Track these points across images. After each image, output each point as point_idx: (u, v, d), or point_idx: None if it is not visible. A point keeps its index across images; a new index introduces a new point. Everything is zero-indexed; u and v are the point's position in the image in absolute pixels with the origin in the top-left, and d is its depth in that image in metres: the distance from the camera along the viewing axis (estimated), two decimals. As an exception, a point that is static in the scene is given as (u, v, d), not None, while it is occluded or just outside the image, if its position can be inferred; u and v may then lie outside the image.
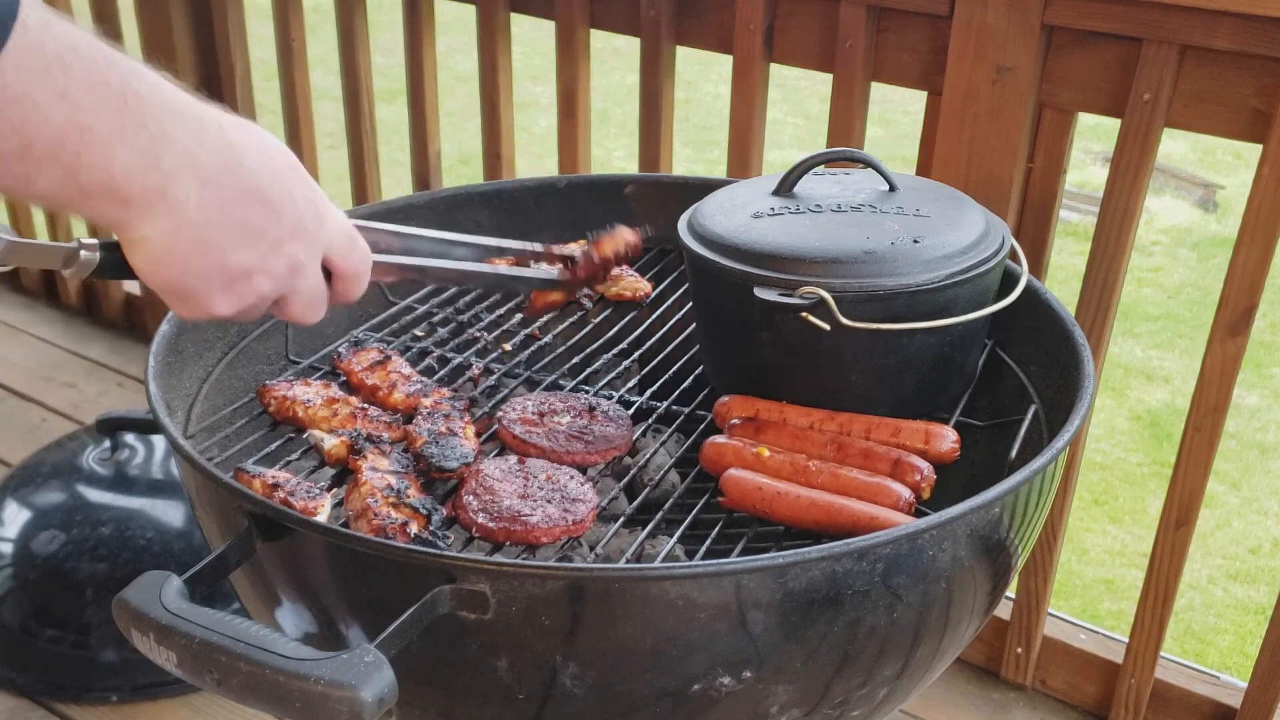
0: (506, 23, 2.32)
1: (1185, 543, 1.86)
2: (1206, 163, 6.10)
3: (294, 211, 0.93)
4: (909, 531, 1.03)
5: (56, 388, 3.08)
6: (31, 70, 0.74)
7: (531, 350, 1.55)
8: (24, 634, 2.15)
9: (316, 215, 0.95)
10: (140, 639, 0.94)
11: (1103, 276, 1.80)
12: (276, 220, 0.91)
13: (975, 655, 2.19)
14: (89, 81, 0.78)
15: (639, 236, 1.42)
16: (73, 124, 0.77)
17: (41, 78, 0.75)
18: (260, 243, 0.91)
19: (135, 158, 0.81)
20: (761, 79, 2.00)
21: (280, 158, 0.93)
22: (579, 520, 1.19)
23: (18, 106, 0.74)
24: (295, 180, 0.94)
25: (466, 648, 1.03)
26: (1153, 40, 1.61)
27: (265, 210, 0.90)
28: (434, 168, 2.56)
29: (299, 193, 0.93)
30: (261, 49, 2.92)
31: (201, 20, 2.80)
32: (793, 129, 6.59)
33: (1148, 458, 3.84)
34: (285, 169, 0.93)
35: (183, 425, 1.37)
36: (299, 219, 0.93)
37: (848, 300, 1.24)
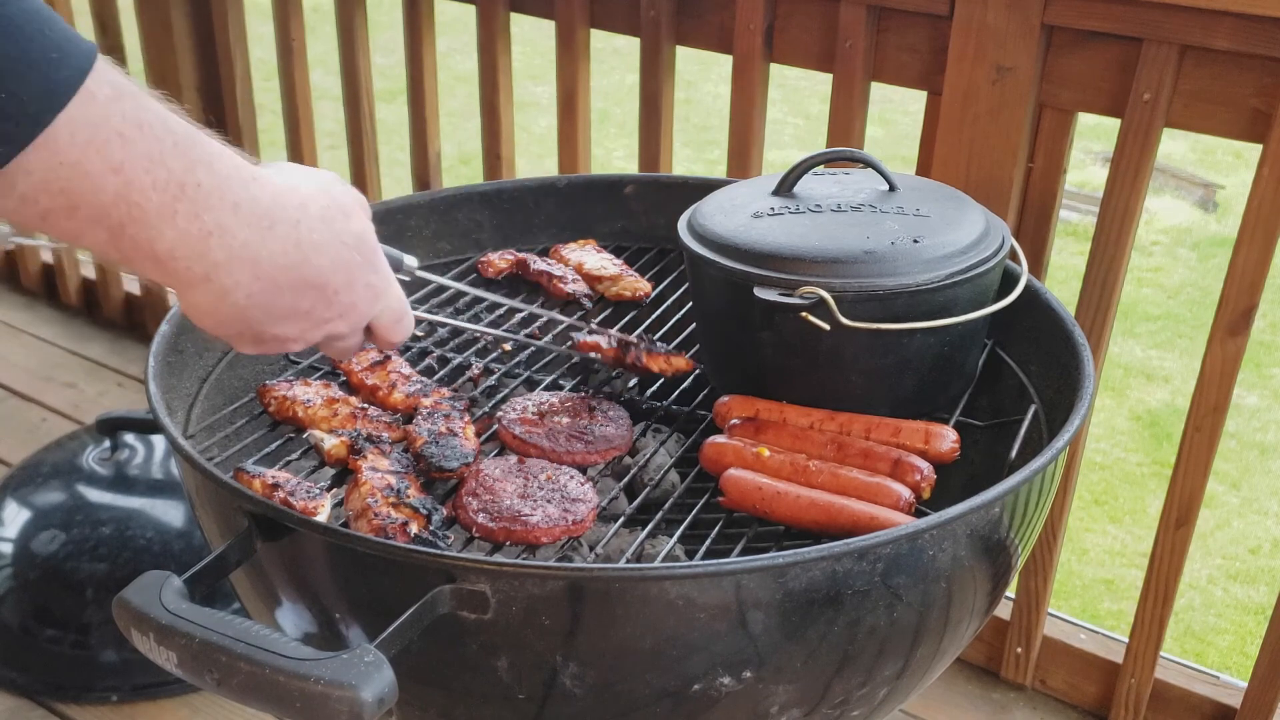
0: (506, 23, 2.32)
1: (1185, 543, 1.86)
2: (1206, 163, 6.10)
3: (349, 298, 0.95)
4: (909, 531, 1.03)
5: (56, 388, 3.08)
6: (88, 140, 0.75)
7: (531, 350, 1.55)
8: (24, 634, 2.15)
9: (372, 299, 0.98)
10: (140, 639, 0.94)
11: (1103, 276, 1.80)
12: (327, 306, 0.94)
13: (975, 655, 2.19)
14: (147, 162, 0.78)
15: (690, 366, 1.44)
16: (123, 198, 0.78)
17: (98, 149, 0.75)
18: (304, 321, 0.93)
19: (183, 243, 0.82)
20: (761, 79, 2.00)
21: (354, 249, 0.94)
22: (579, 520, 1.19)
23: (67, 171, 0.75)
24: (360, 268, 0.95)
25: (466, 648, 1.03)
26: (1153, 40, 1.61)
27: (318, 297, 0.92)
28: (434, 168, 2.56)
29: (360, 279, 0.96)
30: (261, 49, 2.92)
31: (201, 20, 2.80)
32: (793, 129, 6.59)
33: (1148, 458, 3.84)
34: (355, 261, 0.95)
35: (183, 425, 1.37)
36: (352, 305, 0.96)
37: (848, 300, 1.24)
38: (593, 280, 1.66)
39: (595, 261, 1.69)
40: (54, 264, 3.45)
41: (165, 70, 2.87)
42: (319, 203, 0.91)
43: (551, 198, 1.80)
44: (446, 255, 1.75)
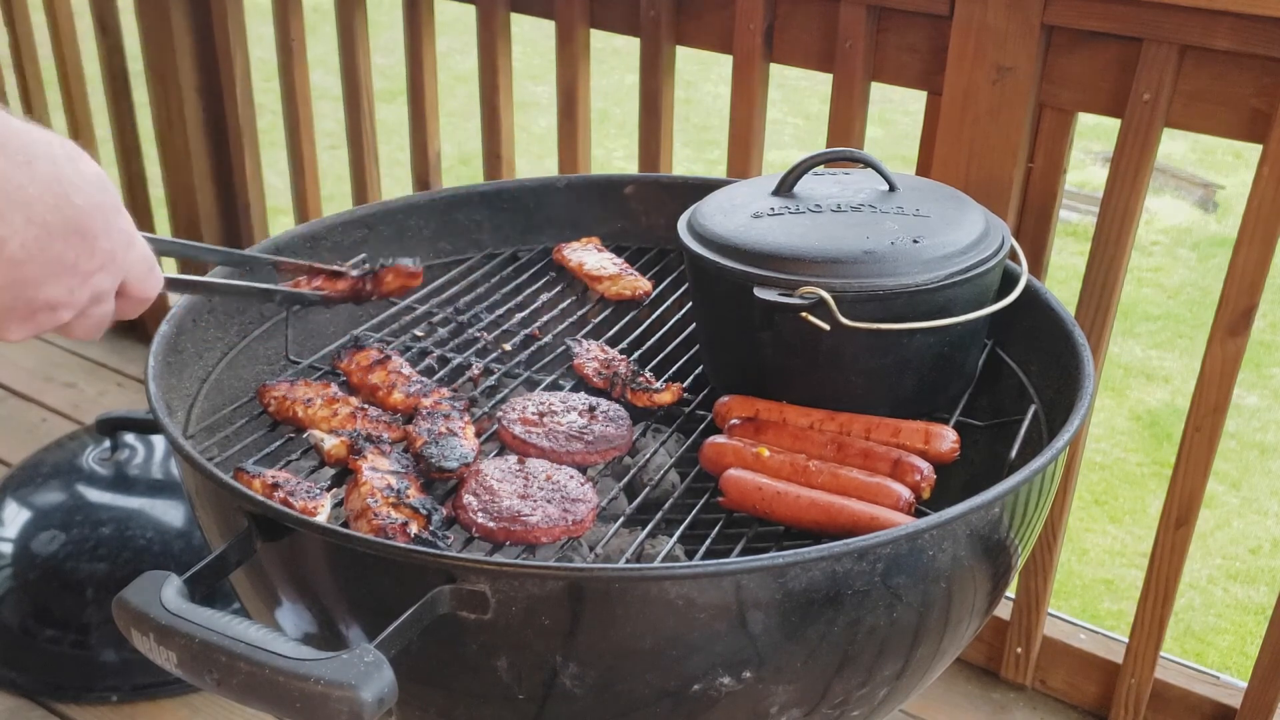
0: (506, 23, 2.32)
1: (1185, 543, 1.86)
2: (1206, 163, 6.10)
3: (108, 244, 0.91)
4: (909, 531, 1.03)
5: (56, 388, 3.08)
6: None
7: (531, 350, 1.55)
8: (24, 634, 2.15)
9: (127, 243, 0.94)
10: (140, 639, 0.94)
11: (1103, 276, 1.80)
12: (90, 254, 0.90)
13: (975, 655, 2.19)
14: None
15: (676, 398, 1.43)
16: None
17: None
18: (72, 276, 0.89)
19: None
20: (761, 79, 2.00)
21: (101, 191, 0.91)
22: (579, 520, 1.19)
23: None
24: (112, 211, 0.92)
25: (466, 648, 1.03)
26: (1152, 40, 1.61)
27: (82, 244, 0.89)
28: (434, 168, 2.56)
29: (115, 224, 0.92)
30: (261, 49, 2.92)
31: (201, 20, 2.80)
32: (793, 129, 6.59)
33: (1148, 458, 3.84)
34: (106, 202, 0.91)
35: (183, 425, 1.37)
36: (111, 251, 0.92)
37: (848, 300, 1.24)
38: (593, 280, 1.66)
39: (595, 261, 1.69)
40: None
41: (165, 70, 2.87)
42: (58, 141, 0.87)
43: (551, 198, 1.80)
44: (447, 255, 1.75)
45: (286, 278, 1.45)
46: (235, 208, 3.01)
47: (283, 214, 4.29)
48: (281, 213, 4.40)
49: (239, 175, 2.94)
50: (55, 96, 3.38)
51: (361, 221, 1.68)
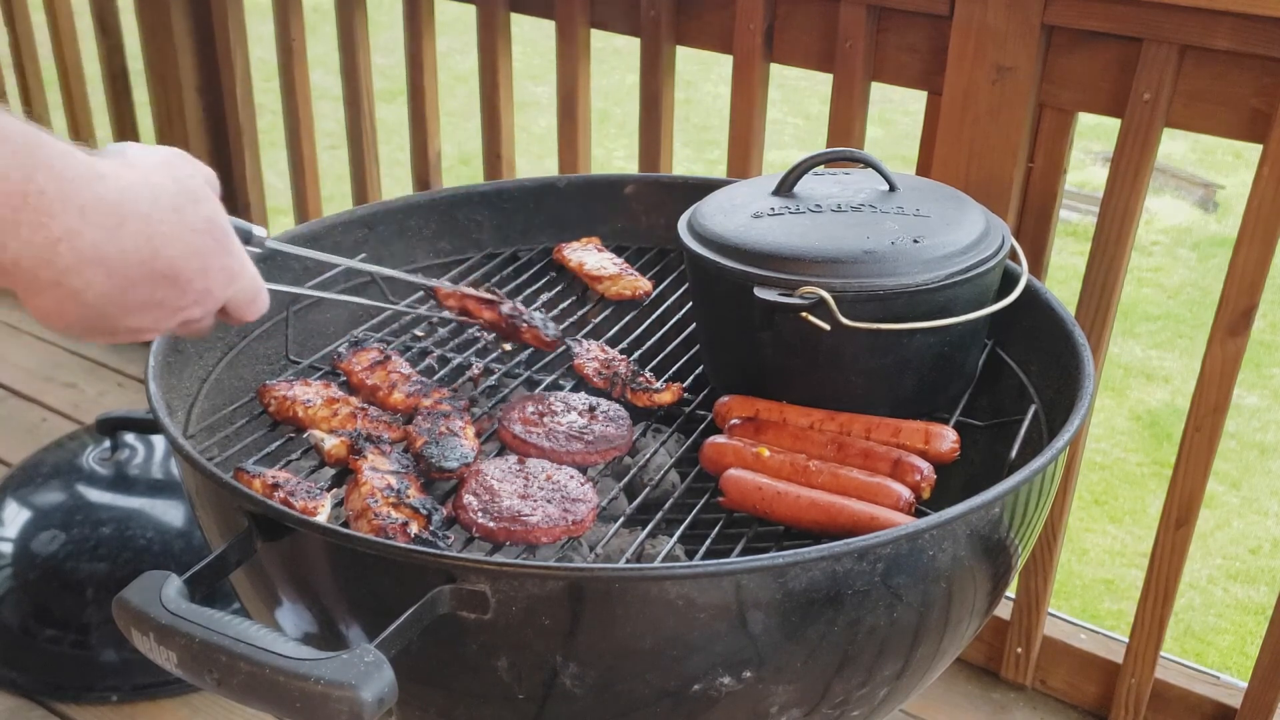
0: (506, 23, 2.32)
1: (1185, 543, 1.86)
2: (1206, 163, 6.10)
3: (203, 284, 0.94)
4: (909, 531, 1.03)
5: (56, 388, 3.08)
6: None
7: (531, 350, 1.55)
8: (24, 634, 2.15)
9: (227, 281, 0.97)
10: (140, 639, 0.94)
11: (1103, 276, 1.80)
12: (181, 294, 0.92)
13: (975, 655, 2.19)
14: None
15: (675, 398, 1.43)
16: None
17: None
18: (158, 310, 0.92)
19: (28, 253, 0.79)
20: (761, 79, 2.00)
21: (206, 234, 0.93)
22: (579, 520, 1.19)
23: None
24: (215, 253, 0.94)
25: (466, 648, 1.03)
26: (1153, 40, 1.61)
27: (173, 288, 0.91)
28: (434, 168, 2.56)
29: (214, 264, 0.94)
30: (261, 49, 2.92)
31: (201, 20, 2.80)
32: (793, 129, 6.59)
33: (1148, 458, 3.84)
34: (209, 247, 0.93)
35: (183, 425, 1.37)
36: (206, 290, 0.95)
37: (848, 300, 1.24)
38: (593, 280, 1.66)
39: (595, 261, 1.69)
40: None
41: (165, 70, 2.87)
42: (169, 191, 0.90)
43: (551, 198, 1.80)
44: (447, 255, 1.75)
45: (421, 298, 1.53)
46: (235, 207, 3.01)
47: (283, 214, 4.29)
48: (281, 213, 4.40)
49: (239, 175, 2.94)
50: (55, 96, 3.38)
51: (361, 221, 1.68)
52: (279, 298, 1.57)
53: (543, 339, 1.47)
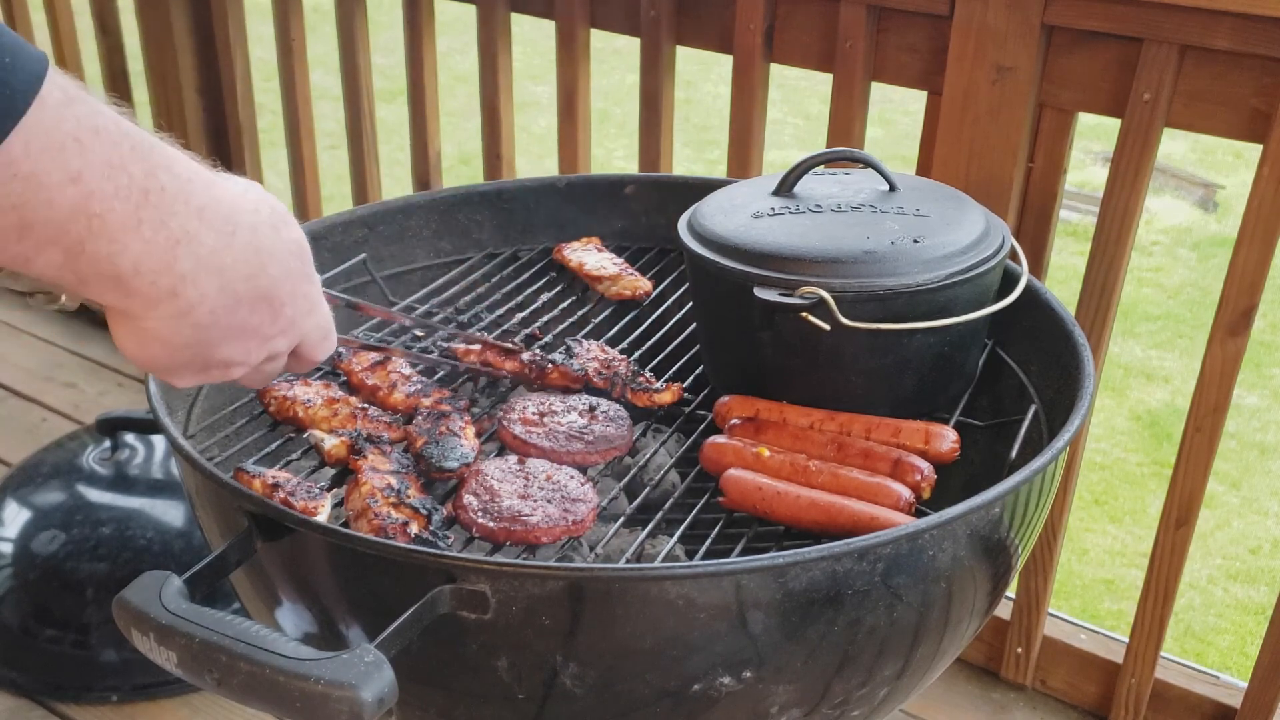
0: (506, 23, 2.32)
1: (1185, 543, 1.86)
2: (1206, 163, 6.10)
3: (292, 311, 0.91)
4: (909, 531, 1.03)
5: (56, 388, 3.08)
6: (42, 148, 0.68)
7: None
8: (24, 634, 2.15)
9: (308, 311, 0.94)
10: (140, 639, 0.94)
11: (1103, 276, 1.80)
12: (273, 321, 0.89)
13: (975, 655, 2.19)
14: (107, 168, 0.72)
15: (676, 398, 1.43)
16: (82, 210, 0.71)
17: (53, 157, 0.69)
18: (253, 339, 0.89)
19: (149, 255, 0.76)
20: (761, 79, 2.00)
21: (297, 257, 0.90)
22: (579, 520, 1.19)
23: (20, 184, 0.68)
24: (302, 278, 0.91)
25: (466, 648, 1.03)
26: (1153, 40, 1.61)
27: (268, 311, 0.88)
28: (434, 168, 2.56)
29: (301, 290, 0.92)
30: (261, 49, 2.92)
31: (201, 20, 2.80)
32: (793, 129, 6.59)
33: (1148, 458, 3.84)
34: (298, 269, 0.90)
35: (183, 425, 1.37)
36: (293, 320, 0.92)
37: (848, 300, 1.24)
38: (593, 280, 1.66)
39: (595, 261, 1.69)
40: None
41: (165, 70, 2.87)
42: (267, 208, 0.87)
43: (551, 198, 1.80)
44: (447, 255, 1.75)
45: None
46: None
47: (283, 214, 4.28)
48: (281, 213, 4.39)
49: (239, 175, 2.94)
50: (55, 96, 3.37)
51: (361, 221, 1.68)
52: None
53: (571, 375, 1.44)
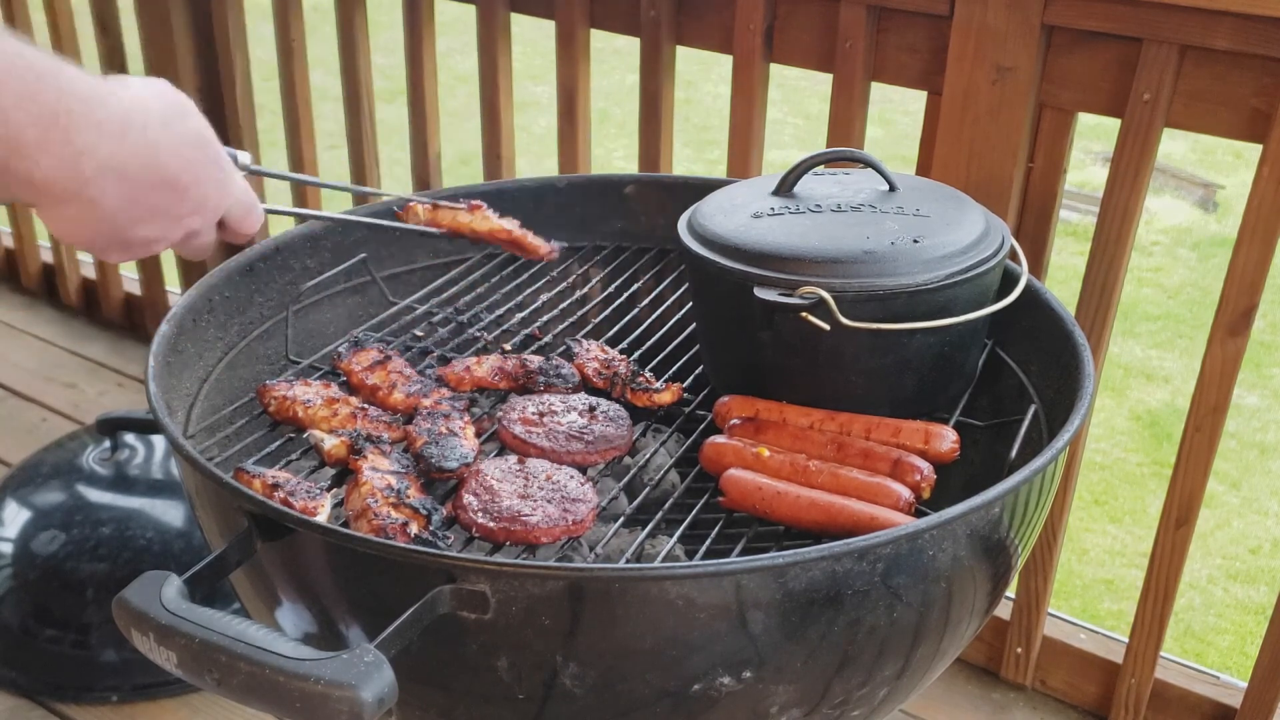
0: (506, 23, 2.32)
1: (1185, 543, 1.86)
2: (1206, 163, 6.10)
3: (199, 193, 1.04)
4: (909, 531, 1.03)
5: (56, 388, 3.08)
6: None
7: (531, 350, 1.55)
8: (24, 634, 2.15)
9: (220, 192, 1.07)
10: (140, 639, 0.94)
11: (1103, 276, 1.80)
12: (180, 201, 1.02)
13: (975, 655, 2.19)
14: (21, 100, 0.85)
15: (676, 398, 1.44)
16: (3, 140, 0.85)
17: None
18: (163, 219, 1.02)
19: (58, 167, 0.90)
20: (761, 79, 2.00)
21: (196, 147, 1.03)
22: (579, 520, 1.19)
23: None
24: (206, 163, 1.04)
25: (466, 648, 1.03)
26: (1153, 40, 1.61)
27: (173, 194, 1.01)
28: (434, 168, 2.56)
29: (206, 175, 1.04)
30: (261, 49, 2.91)
31: (201, 20, 2.80)
32: (793, 129, 6.59)
33: (1148, 458, 3.84)
34: (200, 157, 1.03)
35: (183, 425, 1.37)
36: (202, 198, 1.04)
37: (848, 300, 1.24)
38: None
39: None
40: (54, 264, 3.45)
41: (165, 70, 2.87)
42: (159, 105, 1.00)
43: (551, 198, 1.80)
44: (447, 255, 1.75)
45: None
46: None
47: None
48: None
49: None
50: (55, 96, 3.37)
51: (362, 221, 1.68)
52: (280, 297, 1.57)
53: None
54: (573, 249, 1.80)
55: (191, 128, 1.03)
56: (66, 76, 0.89)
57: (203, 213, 1.05)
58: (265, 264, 1.57)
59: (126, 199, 0.97)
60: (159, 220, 1.01)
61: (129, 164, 0.96)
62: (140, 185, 0.97)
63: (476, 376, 1.43)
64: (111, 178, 0.94)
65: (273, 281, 1.57)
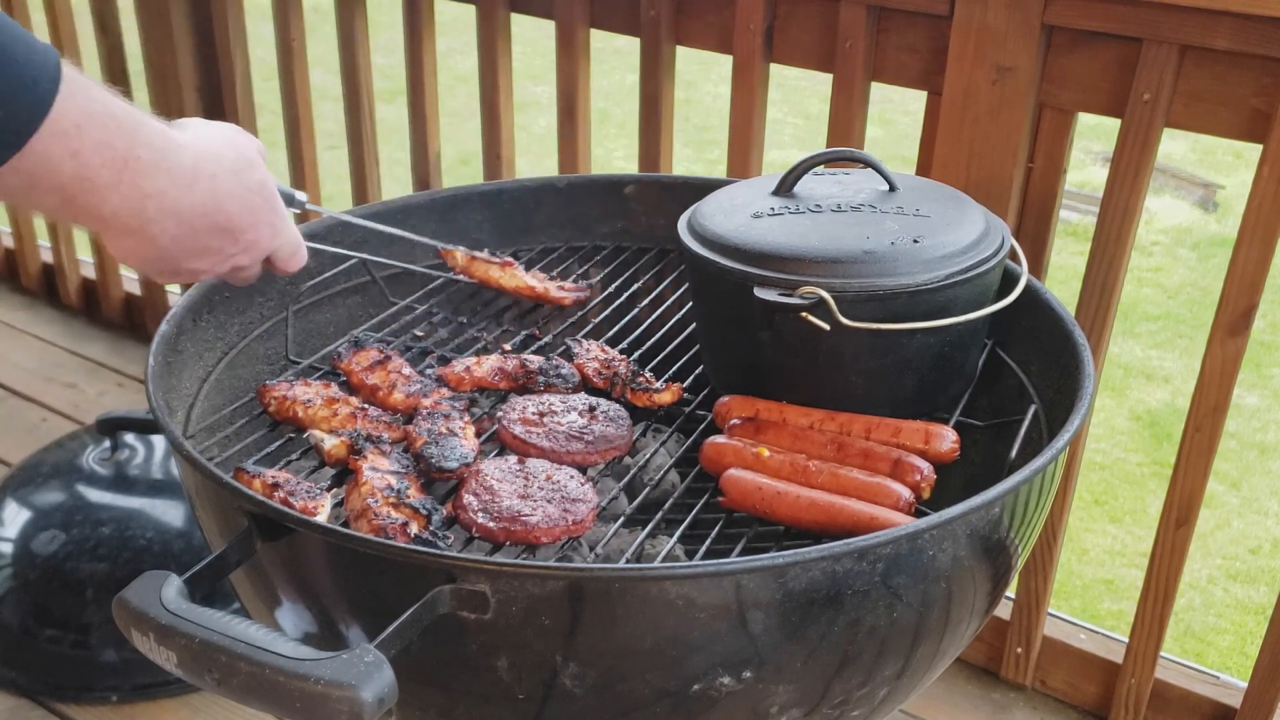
0: (506, 23, 2.32)
1: (1185, 543, 1.86)
2: (1206, 163, 6.10)
3: (252, 236, 1.13)
4: (909, 531, 1.03)
5: (56, 388, 3.08)
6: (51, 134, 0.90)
7: (532, 350, 1.55)
8: (24, 634, 2.15)
9: (272, 235, 1.16)
10: (140, 639, 0.94)
11: (1103, 276, 1.80)
12: (233, 243, 1.12)
13: (975, 655, 2.19)
14: (98, 145, 0.93)
15: (675, 398, 1.44)
16: (76, 176, 0.93)
17: (59, 139, 0.90)
18: (214, 256, 1.11)
19: (124, 206, 0.99)
20: (761, 79, 2.00)
21: (259, 194, 1.13)
22: (579, 520, 1.19)
23: (32, 160, 0.90)
24: (263, 210, 1.14)
25: (466, 648, 1.03)
26: (1153, 40, 1.61)
27: (227, 237, 1.10)
28: (434, 168, 2.56)
29: (263, 220, 1.14)
30: (261, 49, 2.91)
31: (201, 20, 2.80)
32: (793, 129, 6.59)
33: (1148, 458, 3.84)
34: (259, 204, 1.13)
35: (183, 425, 1.37)
36: (255, 242, 1.14)
37: (848, 300, 1.24)
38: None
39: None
40: (54, 264, 3.45)
41: (165, 70, 2.87)
42: (230, 157, 1.09)
43: (551, 198, 1.80)
44: (446, 255, 1.75)
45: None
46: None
47: (283, 214, 4.28)
48: (281, 213, 4.38)
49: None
50: (55, 97, 3.36)
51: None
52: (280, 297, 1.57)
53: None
54: (573, 249, 1.81)
55: (257, 178, 1.12)
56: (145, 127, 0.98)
57: (251, 253, 1.15)
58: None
59: (184, 238, 1.05)
60: (211, 257, 1.10)
61: (191, 209, 1.04)
62: (199, 229, 1.06)
63: (476, 376, 1.43)
64: (172, 221, 1.03)
65: (273, 281, 1.57)
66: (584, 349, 1.50)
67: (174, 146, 1.02)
